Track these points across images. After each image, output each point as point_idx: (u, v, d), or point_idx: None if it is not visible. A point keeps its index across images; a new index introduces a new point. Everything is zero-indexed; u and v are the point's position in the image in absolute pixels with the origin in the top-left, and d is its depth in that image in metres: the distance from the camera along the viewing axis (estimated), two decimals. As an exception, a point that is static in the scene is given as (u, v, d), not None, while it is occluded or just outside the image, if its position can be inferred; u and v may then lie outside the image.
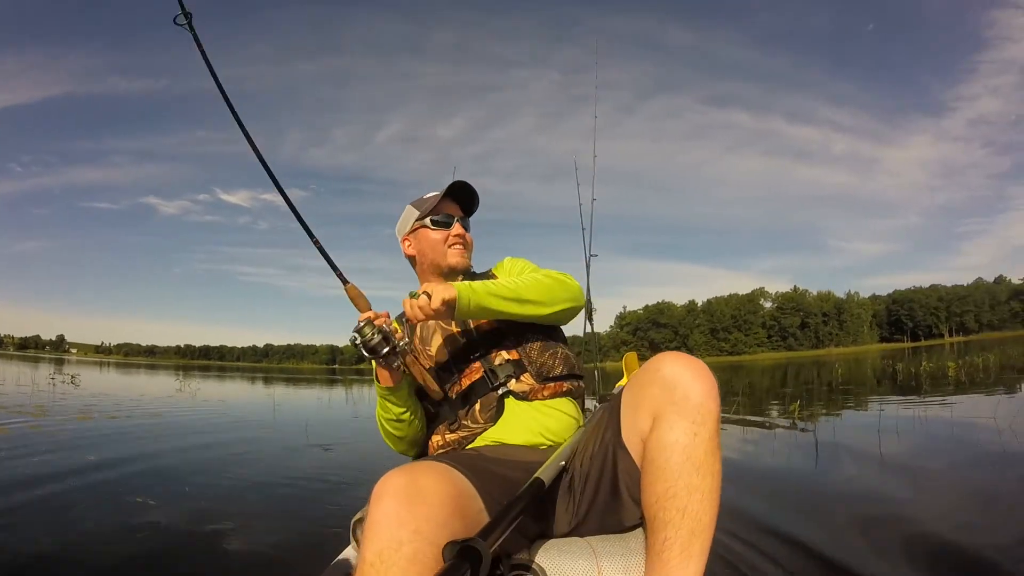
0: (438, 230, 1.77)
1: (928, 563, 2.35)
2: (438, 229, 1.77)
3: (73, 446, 5.73)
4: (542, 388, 1.57)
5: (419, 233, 1.81)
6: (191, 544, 2.86)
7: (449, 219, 1.79)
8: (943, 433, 5.60)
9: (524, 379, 1.57)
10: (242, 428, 8.24)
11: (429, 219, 1.78)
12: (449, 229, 1.78)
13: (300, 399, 16.36)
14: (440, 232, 1.77)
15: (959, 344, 50.55)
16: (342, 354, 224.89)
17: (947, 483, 3.78)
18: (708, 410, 1.16)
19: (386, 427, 1.64)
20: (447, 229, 1.78)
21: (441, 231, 1.78)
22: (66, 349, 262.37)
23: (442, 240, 1.77)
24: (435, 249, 1.78)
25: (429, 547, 0.95)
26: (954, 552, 2.46)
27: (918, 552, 2.47)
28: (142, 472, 4.61)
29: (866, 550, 2.52)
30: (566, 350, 1.68)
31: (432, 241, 1.78)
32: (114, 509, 3.44)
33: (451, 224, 1.79)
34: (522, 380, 1.57)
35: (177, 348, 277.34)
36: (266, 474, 4.69)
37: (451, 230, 1.78)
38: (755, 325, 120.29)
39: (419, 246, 1.81)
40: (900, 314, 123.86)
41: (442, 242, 1.77)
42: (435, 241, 1.77)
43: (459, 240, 1.78)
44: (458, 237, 1.78)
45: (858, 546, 2.58)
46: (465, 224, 1.83)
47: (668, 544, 1.10)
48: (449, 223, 1.78)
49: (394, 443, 1.69)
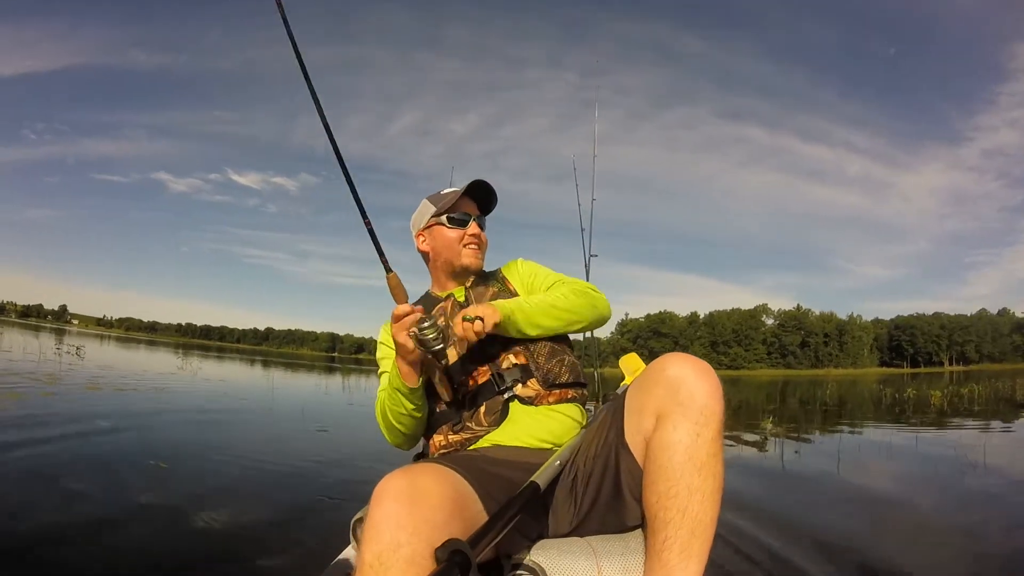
0: (454, 228, 1.74)
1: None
2: (454, 227, 1.74)
3: (87, 413, 6.29)
4: (548, 394, 1.57)
5: (434, 230, 1.77)
6: (191, 537, 2.88)
7: (466, 218, 1.75)
8: (902, 459, 5.93)
9: (531, 384, 1.57)
10: (243, 410, 8.61)
11: (446, 216, 1.74)
12: (465, 228, 1.75)
13: (298, 384, 16.88)
14: (456, 231, 1.74)
15: (958, 373, 50.18)
16: (342, 342, 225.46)
17: (889, 508, 3.87)
18: (712, 411, 1.16)
19: (391, 420, 1.61)
20: (463, 228, 1.75)
21: (457, 230, 1.74)
22: (68, 320, 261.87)
23: (458, 239, 1.74)
24: (450, 248, 1.75)
25: (427, 549, 0.96)
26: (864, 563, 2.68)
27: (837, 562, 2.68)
28: (130, 443, 5.09)
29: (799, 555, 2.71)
30: (572, 357, 1.68)
31: (447, 239, 1.75)
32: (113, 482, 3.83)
33: (468, 223, 1.75)
34: (528, 385, 1.57)
35: (178, 326, 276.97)
36: (263, 465, 4.70)
37: (467, 229, 1.75)
38: (756, 341, 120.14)
39: (433, 243, 1.78)
40: (901, 339, 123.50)
41: (457, 241, 1.74)
42: (450, 240, 1.75)
43: (475, 240, 1.75)
44: (474, 237, 1.75)
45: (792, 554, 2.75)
46: (481, 223, 1.80)
47: (668, 544, 1.11)
48: (466, 222, 1.75)
49: (394, 436, 1.67)
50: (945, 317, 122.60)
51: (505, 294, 1.73)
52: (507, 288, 1.77)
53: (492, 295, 1.72)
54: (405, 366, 1.49)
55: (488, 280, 1.80)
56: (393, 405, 1.56)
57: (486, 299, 1.69)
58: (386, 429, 1.65)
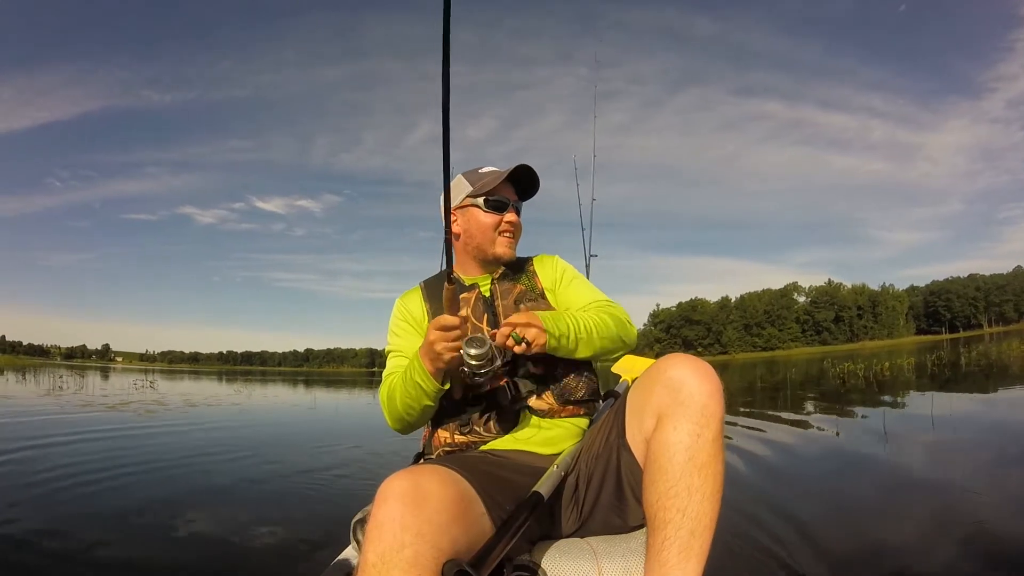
0: (491, 213, 1.64)
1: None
2: (491, 212, 1.65)
3: (200, 418, 10.03)
4: (561, 409, 1.53)
5: (469, 211, 1.67)
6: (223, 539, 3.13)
7: (505, 202, 1.66)
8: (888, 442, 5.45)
9: (545, 397, 1.53)
10: (280, 424, 10.47)
11: (483, 199, 1.65)
12: (503, 214, 1.65)
13: (337, 399, 19.26)
14: (492, 216, 1.65)
15: (998, 334, 48.77)
16: (381, 356, 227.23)
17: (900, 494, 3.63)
18: (712, 412, 1.16)
19: (398, 408, 1.52)
20: (500, 214, 1.65)
21: (494, 215, 1.65)
22: (111, 358, 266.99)
23: (493, 225, 1.65)
24: (484, 233, 1.65)
25: (430, 550, 0.97)
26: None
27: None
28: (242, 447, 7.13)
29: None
30: (591, 374, 1.63)
31: (482, 224, 1.65)
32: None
33: (506, 209, 1.66)
34: (543, 398, 1.53)
35: (220, 354, 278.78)
36: (282, 470, 5.19)
37: (505, 215, 1.66)
38: (788, 320, 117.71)
39: (466, 224, 1.67)
40: (938, 305, 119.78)
41: (492, 227, 1.65)
42: (485, 225, 1.65)
43: (511, 228, 1.66)
44: (510, 225, 1.66)
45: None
46: (519, 210, 1.70)
47: (667, 544, 1.10)
48: (504, 207, 1.66)
49: (398, 422, 1.58)
50: (980, 278, 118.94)
51: (532, 293, 1.66)
52: (535, 285, 1.69)
53: (519, 293, 1.65)
54: (431, 366, 1.41)
55: (516, 273, 1.72)
56: (407, 397, 1.49)
57: (512, 296, 1.64)
58: (390, 414, 1.58)
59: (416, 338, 1.64)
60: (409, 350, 1.60)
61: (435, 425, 1.61)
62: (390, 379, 1.58)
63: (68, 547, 2.90)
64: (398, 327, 1.70)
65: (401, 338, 1.67)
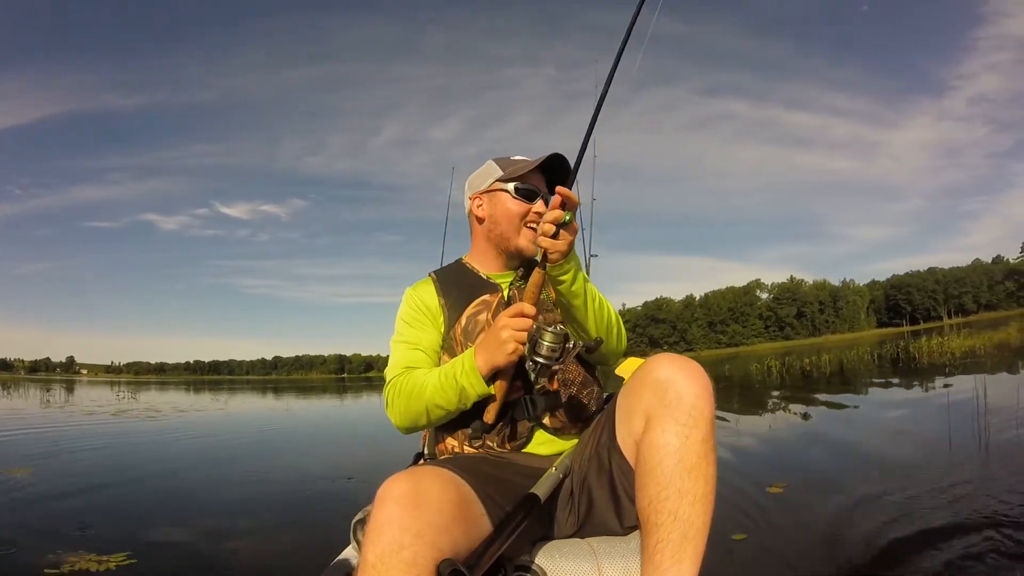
0: (519, 201, 1.58)
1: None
2: (519, 200, 1.58)
3: (196, 423, 11.60)
4: (572, 427, 1.52)
5: (496, 196, 1.61)
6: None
7: (535, 192, 1.59)
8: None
9: (559, 415, 1.50)
10: (257, 431, 10.68)
11: (513, 185, 1.58)
12: (532, 204, 1.58)
13: (310, 407, 19.54)
14: (520, 205, 1.58)
15: (957, 325, 50.06)
16: (350, 362, 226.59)
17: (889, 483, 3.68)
18: (700, 412, 1.14)
19: (422, 406, 1.43)
20: (530, 203, 1.58)
21: (522, 204, 1.58)
22: (76, 370, 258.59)
23: (520, 214, 1.58)
24: (509, 221, 1.59)
25: (429, 551, 0.97)
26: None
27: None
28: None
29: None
30: (599, 388, 1.61)
31: (508, 212, 1.58)
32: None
33: (535, 199, 1.59)
34: (557, 416, 1.50)
35: (187, 364, 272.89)
36: (270, 475, 5.36)
37: (533, 205, 1.58)
38: (752, 316, 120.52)
39: (492, 210, 1.61)
40: (898, 299, 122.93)
41: (519, 216, 1.58)
42: (512, 213, 1.58)
43: (537, 220, 1.54)
44: (538, 216, 1.56)
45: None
46: (547, 202, 1.53)
47: (660, 547, 1.10)
48: (534, 197, 1.59)
49: (410, 422, 1.48)
50: (940, 272, 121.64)
51: (547, 303, 1.58)
52: (548, 295, 1.58)
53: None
54: (487, 361, 1.35)
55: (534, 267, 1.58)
56: (439, 397, 1.40)
57: None
58: (405, 412, 1.46)
59: (433, 331, 1.57)
60: (425, 342, 1.55)
61: (442, 430, 1.53)
62: (410, 374, 1.48)
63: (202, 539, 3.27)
64: (413, 318, 1.59)
65: (416, 329, 1.57)
